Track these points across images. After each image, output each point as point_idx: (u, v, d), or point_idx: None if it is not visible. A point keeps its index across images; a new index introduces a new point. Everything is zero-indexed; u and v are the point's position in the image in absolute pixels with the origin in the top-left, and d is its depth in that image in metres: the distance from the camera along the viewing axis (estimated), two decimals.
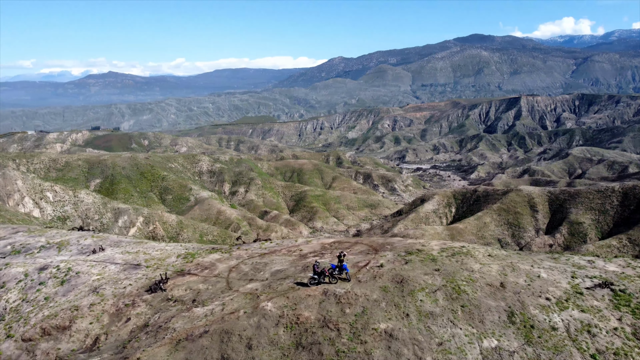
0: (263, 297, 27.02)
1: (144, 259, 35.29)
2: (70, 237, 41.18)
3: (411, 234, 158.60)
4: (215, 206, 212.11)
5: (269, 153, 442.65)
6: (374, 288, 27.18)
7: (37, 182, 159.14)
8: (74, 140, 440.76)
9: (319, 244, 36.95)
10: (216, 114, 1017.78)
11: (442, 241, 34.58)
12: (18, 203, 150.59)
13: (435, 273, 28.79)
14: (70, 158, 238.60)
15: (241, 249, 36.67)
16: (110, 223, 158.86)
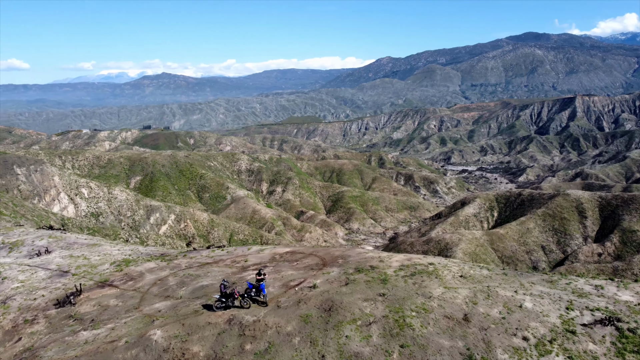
0: (158, 322, 22.83)
1: (78, 265, 32.19)
2: (28, 237, 38.94)
3: (448, 238, 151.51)
4: (251, 205, 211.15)
5: (311, 153, 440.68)
6: (292, 317, 22.17)
7: (74, 179, 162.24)
8: (124, 139, 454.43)
9: (270, 254, 32.55)
10: (263, 114, 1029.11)
11: (408, 256, 29.26)
12: (54, 199, 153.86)
13: (378, 299, 23.43)
14: (113, 155, 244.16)
15: (187, 256, 32.93)
16: (142, 220, 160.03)
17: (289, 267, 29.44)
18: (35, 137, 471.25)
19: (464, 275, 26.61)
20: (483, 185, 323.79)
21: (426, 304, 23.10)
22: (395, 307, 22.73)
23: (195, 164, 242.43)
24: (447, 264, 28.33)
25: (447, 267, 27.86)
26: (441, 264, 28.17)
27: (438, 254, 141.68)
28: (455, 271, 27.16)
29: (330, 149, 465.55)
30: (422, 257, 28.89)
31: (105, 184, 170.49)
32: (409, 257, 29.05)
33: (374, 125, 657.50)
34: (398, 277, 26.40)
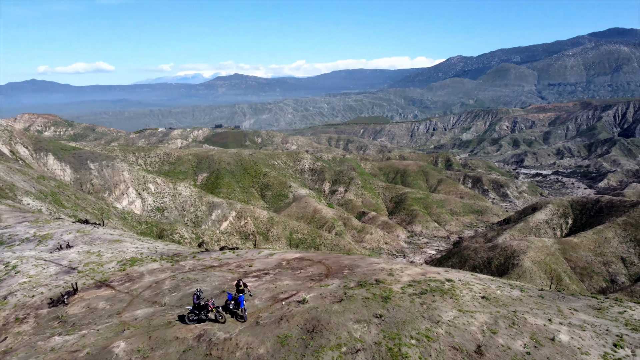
0: (128, 332, 20.98)
1: (88, 262, 31.38)
2: (57, 231, 39.06)
3: (515, 245, 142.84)
4: (312, 204, 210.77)
5: (376, 153, 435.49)
6: (269, 337, 19.31)
7: (141, 174, 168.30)
8: (195, 137, 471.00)
9: (278, 260, 29.71)
10: (330, 114, 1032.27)
11: (425, 269, 26.01)
12: (123, 193, 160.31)
13: (373, 320, 20.03)
14: (182, 153, 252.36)
15: (196, 257, 31.10)
16: (204, 216, 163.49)
17: (289, 275, 26.83)
18: (115, 134, 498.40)
19: (487, 297, 22.73)
20: (558, 190, 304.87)
21: (431, 331, 19.39)
22: (392, 332, 19.22)
23: (259, 162, 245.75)
24: (469, 282, 24.48)
25: (468, 285, 24.05)
26: (462, 281, 24.36)
27: (504, 261, 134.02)
28: (477, 290, 23.36)
29: (396, 150, 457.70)
30: (441, 271, 25.22)
31: (170, 179, 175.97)
32: (425, 272, 25.48)
33: (443, 126, 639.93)
34: (404, 295, 22.71)
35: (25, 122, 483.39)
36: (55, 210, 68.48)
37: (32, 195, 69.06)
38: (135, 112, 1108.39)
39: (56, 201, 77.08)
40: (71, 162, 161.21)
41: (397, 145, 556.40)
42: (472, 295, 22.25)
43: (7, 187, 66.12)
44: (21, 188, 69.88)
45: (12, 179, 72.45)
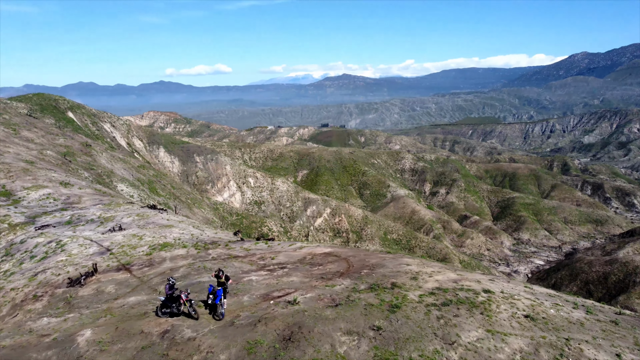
0: (102, 320, 19.36)
1: (125, 244, 30.90)
2: (120, 214, 39.54)
3: (638, 260, 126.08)
4: (410, 205, 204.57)
5: (484, 155, 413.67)
6: (237, 341, 16.59)
7: (242, 168, 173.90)
8: (301, 135, 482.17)
9: (304, 254, 26.39)
10: (438, 114, 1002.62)
11: (461, 275, 21.37)
12: (224, 185, 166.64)
13: (368, 334, 16.39)
14: (284, 149, 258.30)
15: (228, 247, 28.81)
16: (299, 211, 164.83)
17: (303, 271, 23.68)
18: (228, 131, 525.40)
19: (533, 316, 17.66)
20: None
21: (440, 354, 15.18)
22: (386, 350, 15.41)
23: (358, 161, 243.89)
24: (514, 295, 19.38)
25: (511, 298, 19.00)
26: (505, 294, 19.30)
27: (623, 278, 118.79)
28: (522, 307, 18.34)
29: (506, 152, 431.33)
30: (483, 279, 20.29)
31: (269, 174, 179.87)
32: (460, 278, 20.78)
33: (561, 128, 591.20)
34: (420, 304, 18.46)
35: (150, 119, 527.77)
36: (147, 197, 71.83)
37: (127, 182, 73.10)
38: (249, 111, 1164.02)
39: (152, 189, 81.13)
40: (179, 155, 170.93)
41: (508, 148, 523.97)
42: (512, 313, 17.42)
43: (105, 174, 70.57)
44: (119, 175, 74.26)
45: (112, 166, 77.40)
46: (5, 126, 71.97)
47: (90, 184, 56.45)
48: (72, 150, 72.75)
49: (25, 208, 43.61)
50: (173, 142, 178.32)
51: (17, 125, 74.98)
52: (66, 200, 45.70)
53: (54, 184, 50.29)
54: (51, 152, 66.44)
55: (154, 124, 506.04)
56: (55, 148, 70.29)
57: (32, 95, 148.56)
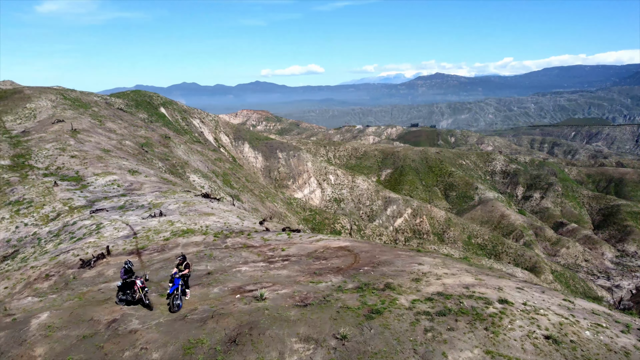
0: (67, 304, 18.00)
1: (154, 229, 30.29)
2: (169, 201, 39.23)
3: None
4: (499, 209, 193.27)
5: (587, 159, 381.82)
6: (178, 339, 14.49)
7: (323, 165, 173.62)
8: (389, 135, 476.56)
9: (318, 247, 23.45)
10: (537, 114, 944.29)
11: (480, 280, 17.28)
12: (305, 182, 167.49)
13: (329, 342, 13.49)
14: (369, 148, 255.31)
15: (250, 236, 26.51)
16: (379, 210, 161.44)
17: (301, 265, 21.16)
18: (316, 130, 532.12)
19: (557, 338, 13.45)
20: None
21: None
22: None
23: (445, 161, 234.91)
24: (541, 308, 15.25)
25: (533, 313, 14.97)
26: (527, 306, 15.21)
27: None
28: (546, 325, 14.31)
29: (613, 156, 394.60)
30: (507, 285, 15.92)
31: (350, 172, 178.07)
32: (474, 283, 16.83)
33: None
34: (409, 312, 15.07)
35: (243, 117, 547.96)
36: (218, 188, 72.80)
37: (200, 173, 74.58)
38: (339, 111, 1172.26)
39: (225, 181, 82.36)
40: (263, 151, 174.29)
41: (617, 152, 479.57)
42: (529, 332, 13.21)
43: (179, 164, 72.48)
44: (193, 166, 76.05)
45: (188, 158, 79.52)
46: (93, 118, 76.43)
47: (159, 173, 57.82)
48: (151, 142, 75.61)
49: (89, 193, 45.09)
50: (257, 138, 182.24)
51: (104, 117, 79.42)
52: (128, 186, 46.76)
53: (122, 172, 51.85)
54: (130, 142, 69.30)
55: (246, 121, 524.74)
56: (135, 139, 73.36)
57: (130, 92, 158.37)
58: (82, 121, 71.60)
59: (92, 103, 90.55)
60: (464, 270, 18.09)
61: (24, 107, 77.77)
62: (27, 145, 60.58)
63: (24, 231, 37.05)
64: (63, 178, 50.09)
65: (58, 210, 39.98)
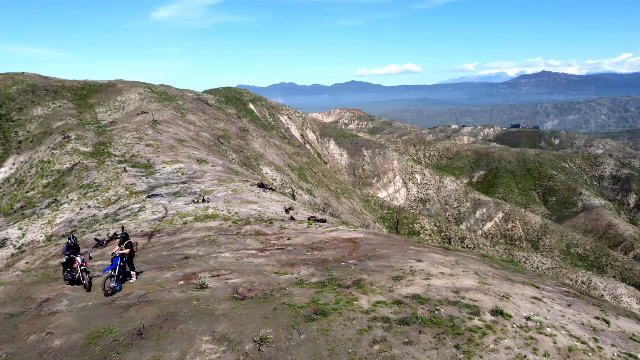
0: (30, 279, 17.19)
1: (183, 213, 29.34)
2: (219, 189, 38.57)
3: None
4: (606, 217, 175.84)
5: None
6: (90, 326, 12.90)
7: (410, 164, 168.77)
8: (485, 135, 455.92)
9: (326, 237, 20.36)
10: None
11: (479, 284, 11.93)
12: (390, 181, 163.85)
13: (243, 346, 11.09)
14: (461, 148, 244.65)
15: (270, 224, 24.42)
16: (467, 213, 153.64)
17: (291, 255, 18.84)
18: (408, 129, 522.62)
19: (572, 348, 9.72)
20: None
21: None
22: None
23: (545, 164, 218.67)
24: (549, 325, 11.44)
25: (533, 330, 11.39)
26: (529, 321, 11.39)
27: None
28: (547, 348, 10.56)
29: None
30: (518, 294, 11.78)
31: (437, 172, 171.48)
32: (471, 287, 13.16)
33: None
34: (365, 316, 12.20)
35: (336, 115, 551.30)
36: (291, 182, 72.09)
37: (273, 166, 74.35)
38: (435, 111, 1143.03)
39: (300, 175, 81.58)
40: (348, 148, 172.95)
41: None
42: (517, 355, 9.42)
43: (254, 157, 72.74)
44: (267, 159, 76.07)
45: (264, 151, 79.74)
46: (176, 110, 79.27)
47: (228, 163, 58.11)
48: (228, 134, 76.76)
49: (153, 179, 45.97)
50: (343, 135, 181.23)
51: (186, 110, 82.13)
52: (191, 175, 47.12)
53: (190, 160, 52.56)
54: (207, 133, 70.73)
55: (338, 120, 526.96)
56: (213, 131, 74.87)
57: (222, 89, 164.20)
58: (164, 113, 74.55)
59: (179, 97, 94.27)
60: (472, 271, 14.64)
61: (115, 99, 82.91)
62: (110, 134, 63.91)
63: (86, 213, 38.22)
64: (134, 165, 51.78)
65: (120, 194, 40.97)
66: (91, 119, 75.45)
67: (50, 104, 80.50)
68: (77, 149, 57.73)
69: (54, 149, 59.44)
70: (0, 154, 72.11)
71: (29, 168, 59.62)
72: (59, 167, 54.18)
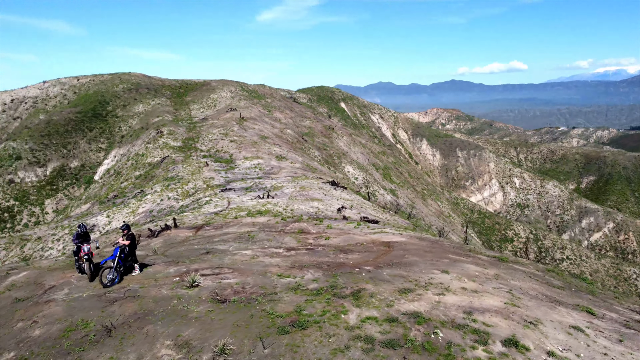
0: (54, 266, 17.48)
1: (237, 207, 28.83)
2: (289, 185, 37.80)
3: None
4: None
5: None
6: (72, 317, 12.72)
7: (508, 167, 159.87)
8: (598, 138, 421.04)
9: (363, 240, 18.41)
10: None
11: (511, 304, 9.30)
12: (485, 184, 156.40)
13: (201, 356, 9.98)
14: (568, 151, 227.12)
15: (320, 222, 22.90)
16: (571, 221, 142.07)
17: (315, 256, 17.40)
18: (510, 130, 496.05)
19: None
20: None
21: None
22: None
23: None
24: None
25: None
26: None
27: None
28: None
29: None
30: (558, 318, 8.82)
31: (538, 176, 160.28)
32: (492, 308, 9.58)
33: None
34: (347, 333, 10.34)
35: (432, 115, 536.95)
36: (373, 181, 70.49)
37: (356, 164, 73.12)
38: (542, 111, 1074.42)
39: (385, 175, 79.56)
40: (441, 149, 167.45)
41: None
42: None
43: (336, 155, 72.06)
44: (351, 157, 75.04)
45: (349, 149, 78.82)
46: (264, 107, 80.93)
47: (307, 160, 57.98)
48: (313, 132, 76.87)
49: (232, 174, 46.93)
50: (437, 135, 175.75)
51: (274, 107, 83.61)
52: (268, 170, 47.46)
53: (270, 157, 53.10)
54: (291, 131, 71.30)
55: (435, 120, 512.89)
56: (298, 128, 75.33)
57: (315, 88, 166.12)
58: (252, 110, 76.47)
59: (268, 95, 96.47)
60: (507, 288, 12.20)
61: (208, 97, 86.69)
62: (199, 130, 66.69)
63: (165, 204, 39.78)
64: (217, 160, 53.35)
65: (197, 187, 42.21)
66: (185, 115, 79.58)
67: (151, 102, 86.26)
68: (168, 143, 60.90)
69: (148, 143, 63.27)
70: (106, 147, 78.38)
71: (126, 160, 64.00)
72: (150, 160, 57.43)
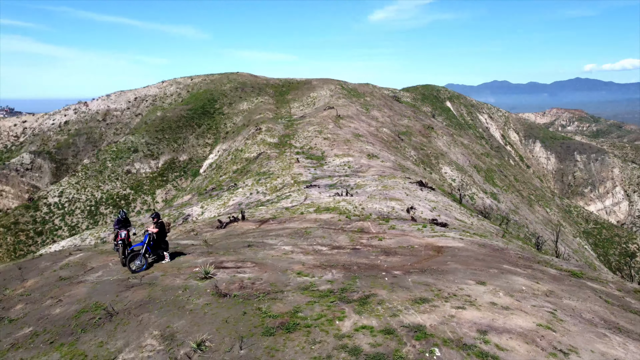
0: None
1: (312, 204, 28.43)
2: (372, 184, 36.20)
3: None
4: None
5: None
6: (91, 299, 13.01)
7: (636, 174, 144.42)
8: None
9: (418, 242, 17.17)
10: None
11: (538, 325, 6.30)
12: (608, 191, 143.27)
13: (179, 349, 9.55)
14: None
15: (386, 223, 21.46)
16: None
17: (354, 256, 16.57)
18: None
19: None
20: None
21: None
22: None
23: None
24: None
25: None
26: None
27: None
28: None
29: None
30: (602, 349, 6.44)
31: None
32: (516, 329, 6.68)
33: None
34: (327, 344, 9.12)
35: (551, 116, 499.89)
36: (472, 183, 66.81)
37: (454, 165, 69.83)
38: None
39: (488, 178, 75.13)
40: (557, 152, 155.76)
41: None
42: None
43: (434, 155, 69.40)
44: (450, 158, 71.87)
45: (448, 150, 75.56)
46: (362, 106, 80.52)
47: (400, 159, 56.58)
48: (410, 131, 74.89)
49: (320, 171, 47.21)
50: (552, 137, 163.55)
51: (372, 106, 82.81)
52: (357, 168, 47.01)
53: (360, 155, 52.62)
54: (387, 129, 70.10)
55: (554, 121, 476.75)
56: (395, 127, 73.85)
57: (419, 87, 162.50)
58: (349, 109, 76.44)
59: (368, 94, 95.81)
60: (551, 308, 10.21)
61: (308, 95, 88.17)
62: (296, 127, 68.05)
63: (254, 198, 41.08)
64: (309, 156, 54.03)
65: (285, 183, 43.03)
66: (285, 113, 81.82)
67: (254, 100, 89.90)
68: (265, 140, 62.98)
69: (247, 139, 65.93)
70: (212, 142, 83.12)
71: (227, 155, 67.26)
72: (247, 156, 59.78)
